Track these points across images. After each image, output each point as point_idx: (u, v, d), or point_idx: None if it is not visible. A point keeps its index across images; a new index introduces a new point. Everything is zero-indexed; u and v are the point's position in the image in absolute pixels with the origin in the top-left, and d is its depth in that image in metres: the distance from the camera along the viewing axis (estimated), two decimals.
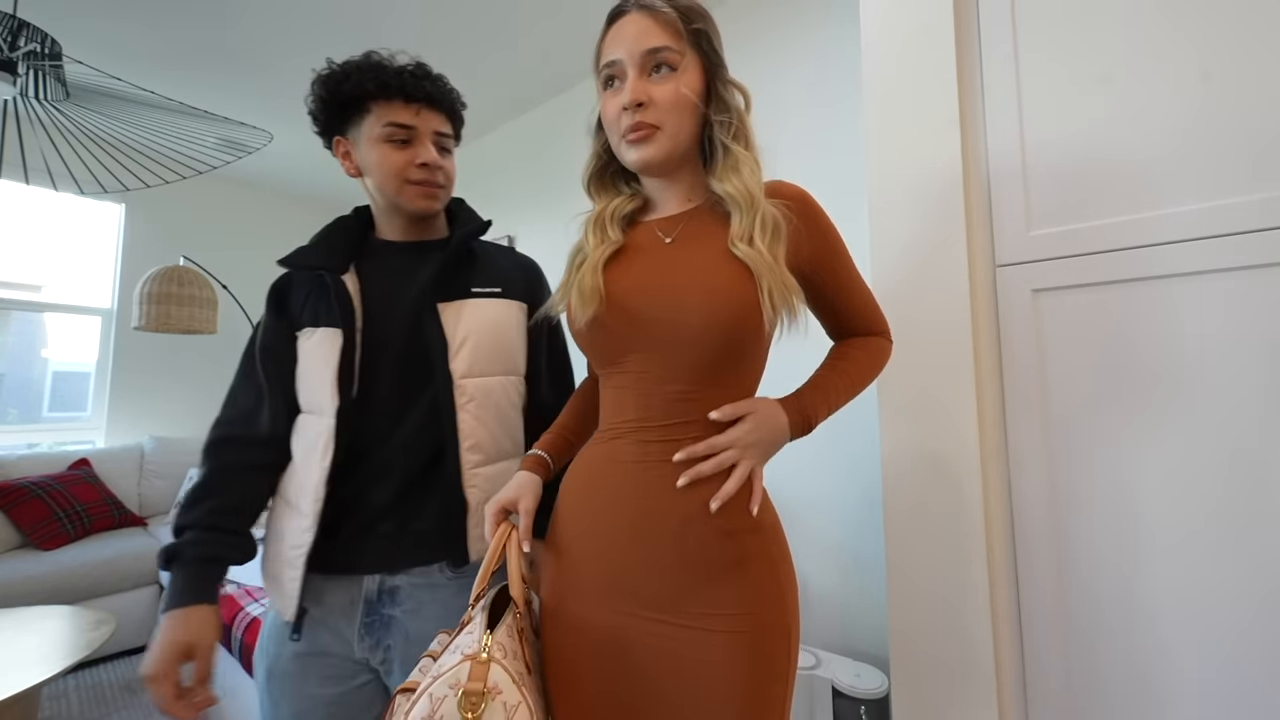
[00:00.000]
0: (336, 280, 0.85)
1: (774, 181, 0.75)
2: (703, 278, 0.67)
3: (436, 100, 0.89)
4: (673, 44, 0.67)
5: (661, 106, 0.67)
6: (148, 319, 2.46)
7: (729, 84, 0.72)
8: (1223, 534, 0.78)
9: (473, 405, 0.85)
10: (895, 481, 1.06)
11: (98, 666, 2.31)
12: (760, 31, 2.02)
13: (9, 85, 1.46)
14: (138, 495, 3.02)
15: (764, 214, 0.67)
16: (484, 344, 0.88)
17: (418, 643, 0.82)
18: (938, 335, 1.02)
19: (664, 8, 0.67)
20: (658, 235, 0.74)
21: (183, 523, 0.81)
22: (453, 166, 0.93)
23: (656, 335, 0.68)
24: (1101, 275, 0.88)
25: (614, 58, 0.69)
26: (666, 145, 0.69)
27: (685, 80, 0.68)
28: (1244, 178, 0.79)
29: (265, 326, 0.90)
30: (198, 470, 0.86)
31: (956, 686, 0.97)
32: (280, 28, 2.29)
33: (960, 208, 1.00)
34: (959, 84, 1.01)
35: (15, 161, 1.67)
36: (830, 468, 1.68)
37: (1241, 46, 0.80)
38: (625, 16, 0.69)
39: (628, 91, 0.67)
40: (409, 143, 0.87)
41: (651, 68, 0.68)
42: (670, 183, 0.75)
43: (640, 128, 0.68)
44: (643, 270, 0.71)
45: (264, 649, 0.86)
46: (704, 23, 0.70)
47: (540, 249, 3.34)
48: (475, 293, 0.90)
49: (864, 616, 1.62)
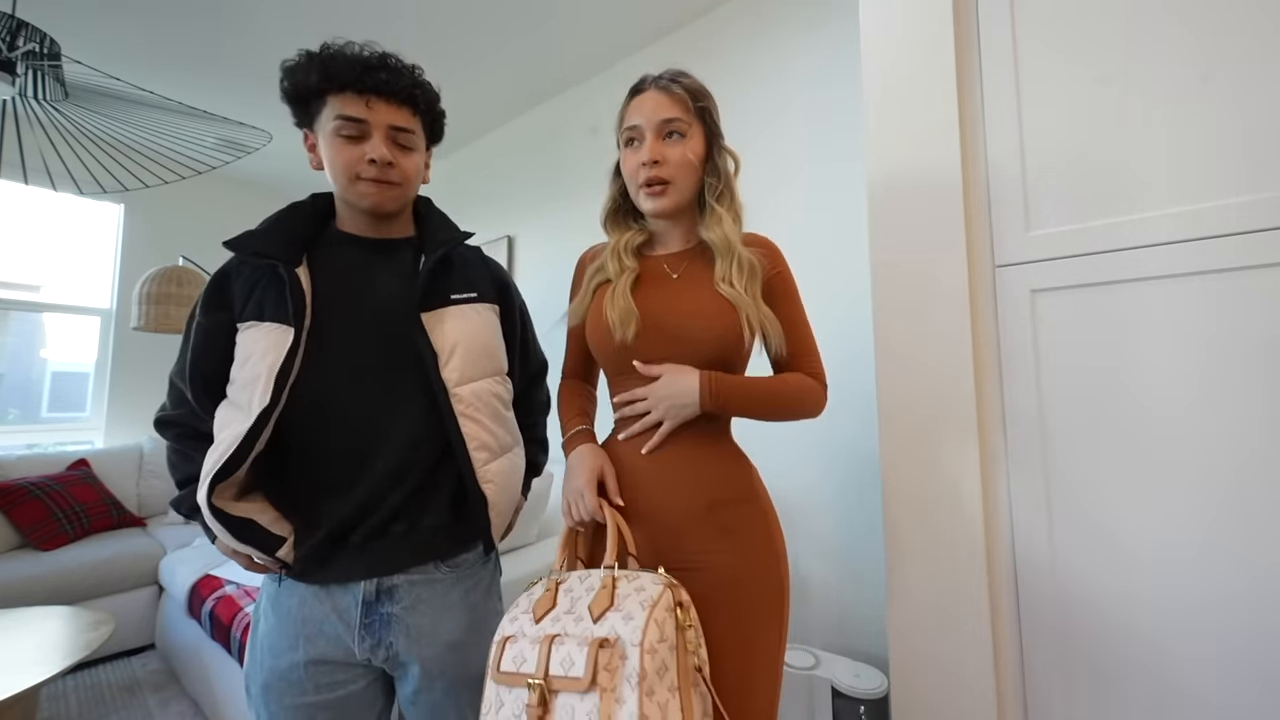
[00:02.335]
0: (291, 273, 0.81)
1: (750, 234, 0.93)
2: (700, 308, 0.87)
3: (392, 91, 0.84)
4: (683, 116, 0.87)
5: (672, 165, 0.86)
6: (147, 319, 2.46)
7: (724, 151, 0.92)
8: (1222, 532, 0.79)
9: (471, 410, 0.86)
10: (894, 482, 1.06)
11: (97, 667, 2.30)
12: (761, 33, 2.02)
13: (8, 85, 1.46)
14: (136, 495, 3.01)
15: (740, 258, 0.86)
16: (472, 349, 0.88)
17: (419, 638, 0.85)
18: (937, 335, 1.02)
19: (677, 89, 0.87)
20: (666, 270, 0.93)
21: (183, 477, 0.86)
22: (413, 163, 0.88)
23: (669, 350, 0.86)
24: (1100, 275, 0.88)
25: (635, 123, 0.88)
26: (675, 198, 0.88)
27: (691, 146, 0.87)
28: (1243, 179, 0.79)
29: (200, 325, 0.84)
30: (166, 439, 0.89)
31: (956, 686, 0.97)
32: (279, 28, 2.29)
33: (960, 208, 1.00)
34: (959, 85, 1.02)
35: (14, 161, 1.67)
36: (829, 468, 1.68)
37: (1240, 49, 0.80)
38: (645, 92, 0.89)
39: (646, 151, 0.86)
40: (360, 137, 0.83)
41: (665, 134, 0.87)
42: (674, 225, 0.94)
43: (656, 182, 0.87)
44: (660, 300, 0.89)
45: (258, 662, 0.84)
46: (707, 101, 0.90)
47: (540, 248, 3.32)
48: (454, 300, 0.90)
49: (863, 617, 1.62)
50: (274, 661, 0.82)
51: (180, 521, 2.86)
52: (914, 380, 1.04)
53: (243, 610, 1.74)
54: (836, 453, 1.69)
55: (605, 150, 0.95)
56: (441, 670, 0.85)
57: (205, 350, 0.83)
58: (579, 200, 2.66)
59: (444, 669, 0.86)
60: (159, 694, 2.11)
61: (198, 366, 0.83)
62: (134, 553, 2.49)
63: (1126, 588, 0.85)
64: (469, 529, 0.88)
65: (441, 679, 0.86)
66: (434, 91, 0.91)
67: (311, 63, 0.83)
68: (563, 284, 1.05)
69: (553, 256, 2.77)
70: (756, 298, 0.86)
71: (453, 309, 0.89)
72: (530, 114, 2.95)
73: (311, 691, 0.81)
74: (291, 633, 0.82)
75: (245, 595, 1.85)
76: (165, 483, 3.07)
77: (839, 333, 1.69)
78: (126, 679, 2.22)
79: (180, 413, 0.87)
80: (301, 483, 0.82)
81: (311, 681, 0.81)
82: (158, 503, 3.04)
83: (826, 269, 1.74)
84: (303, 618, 0.82)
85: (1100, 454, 0.88)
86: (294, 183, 3.84)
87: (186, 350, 0.86)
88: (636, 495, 0.85)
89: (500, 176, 3.07)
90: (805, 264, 1.77)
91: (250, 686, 0.85)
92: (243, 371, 0.79)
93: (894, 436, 1.07)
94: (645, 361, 0.88)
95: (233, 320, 0.82)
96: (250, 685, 0.85)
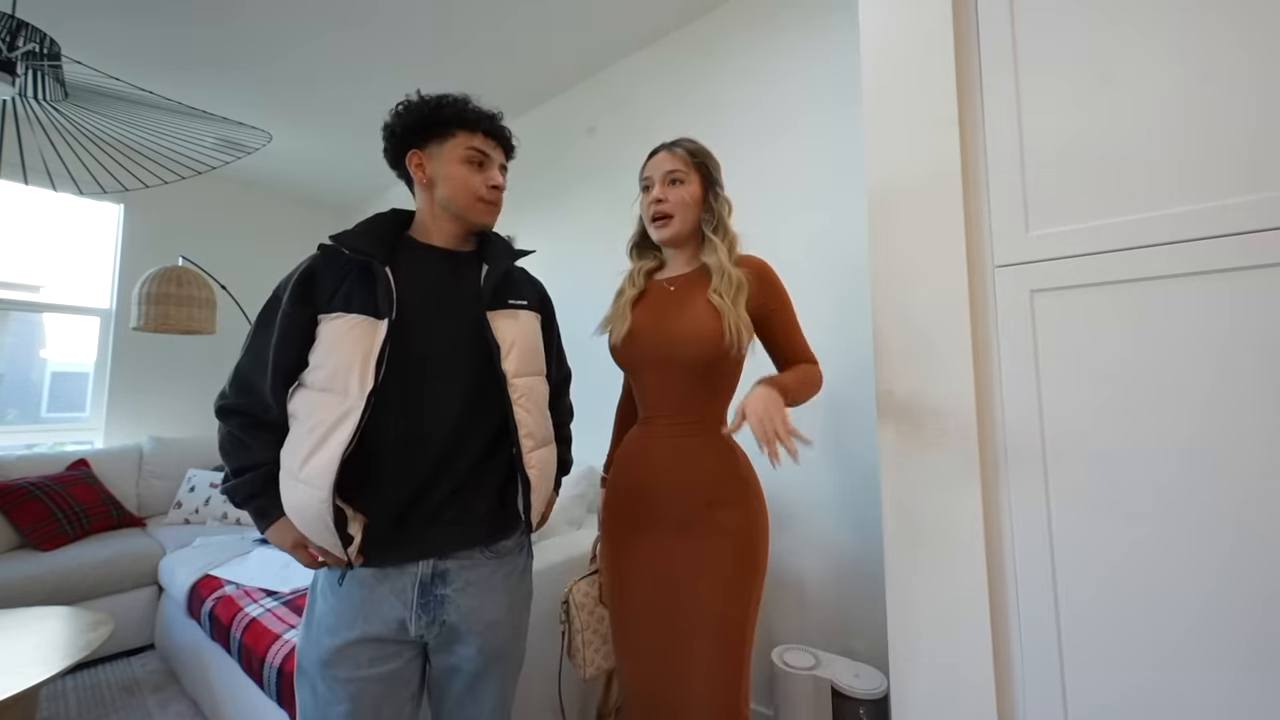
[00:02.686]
0: (384, 271, 0.92)
1: (744, 255, 1.17)
2: (689, 315, 1.10)
3: (504, 139, 1.07)
4: (682, 168, 1.15)
5: (673, 203, 1.14)
6: (146, 319, 2.46)
7: (719, 196, 1.18)
8: (1222, 531, 0.79)
9: (524, 400, 0.99)
10: (894, 482, 1.06)
11: (96, 667, 2.30)
12: (760, 32, 2.02)
13: (8, 85, 1.46)
14: (136, 496, 3.01)
15: (729, 276, 1.09)
16: (525, 348, 1.02)
17: (467, 616, 0.96)
18: (936, 335, 1.02)
19: (679, 149, 1.17)
20: (667, 288, 1.19)
21: (240, 465, 0.93)
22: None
23: (665, 353, 1.11)
24: (1100, 276, 0.88)
25: (649, 175, 1.19)
26: (676, 228, 1.15)
27: (688, 190, 1.15)
28: (1242, 179, 0.79)
29: (288, 315, 0.91)
30: (221, 431, 0.96)
31: (956, 687, 0.97)
32: (279, 28, 2.29)
33: (959, 208, 1.00)
34: (958, 84, 1.01)
35: (14, 162, 1.67)
36: (828, 468, 1.68)
37: (1240, 49, 0.80)
38: (658, 154, 1.19)
39: (655, 192, 1.16)
40: (483, 166, 1.03)
41: (670, 181, 1.15)
42: (679, 251, 1.21)
43: (661, 215, 1.15)
44: (654, 311, 1.16)
45: (314, 640, 0.92)
46: (704, 158, 1.18)
47: (538, 248, 3.35)
48: (512, 304, 1.04)
49: (863, 617, 1.62)
50: (332, 640, 0.90)
51: (178, 522, 2.86)
52: (913, 380, 1.04)
53: (242, 610, 1.74)
54: (836, 453, 1.69)
55: (603, 151, 1.00)
56: (483, 646, 0.98)
57: (290, 339, 0.91)
58: (577, 200, 2.66)
59: (485, 644, 0.98)
60: (158, 694, 2.11)
61: (281, 355, 0.91)
62: (133, 553, 2.49)
63: (1128, 589, 0.85)
64: (511, 515, 1.02)
65: (482, 654, 0.98)
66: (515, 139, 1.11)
67: (457, 104, 1.01)
68: (562, 284, 1.06)
69: (551, 256, 2.76)
70: (739, 308, 1.07)
71: (510, 312, 1.03)
72: (529, 114, 2.95)
73: (365, 665, 0.90)
74: (351, 612, 0.91)
75: (245, 596, 1.85)
76: (164, 483, 3.07)
77: (839, 332, 1.69)
78: (126, 679, 2.22)
79: (245, 401, 0.93)
80: (367, 468, 0.89)
81: (366, 656, 0.90)
82: (157, 503, 3.04)
83: (825, 267, 1.74)
84: (362, 598, 0.91)
85: (1100, 454, 0.88)
86: (292, 183, 3.86)
87: (268, 339, 0.92)
88: (654, 477, 1.12)
89: None
90: (804, 263, 1.78)
91: (304, 662, 0.93)
92: (332, 358, 0.88)
93: (893, 436, 1.07)
94: (639, 366, 1.16)
95: (315, 313, 0.92)
96: (304, 660, 0.93)
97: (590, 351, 1.38)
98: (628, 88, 2.48)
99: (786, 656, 1.56)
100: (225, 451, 0.94)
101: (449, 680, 0.99)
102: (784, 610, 1.77)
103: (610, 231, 2.41)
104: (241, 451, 0.93)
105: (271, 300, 0.95)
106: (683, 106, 2.24)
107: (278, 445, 0.91)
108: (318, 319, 0.91)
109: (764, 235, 1.75)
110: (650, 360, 1.13)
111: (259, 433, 0.93)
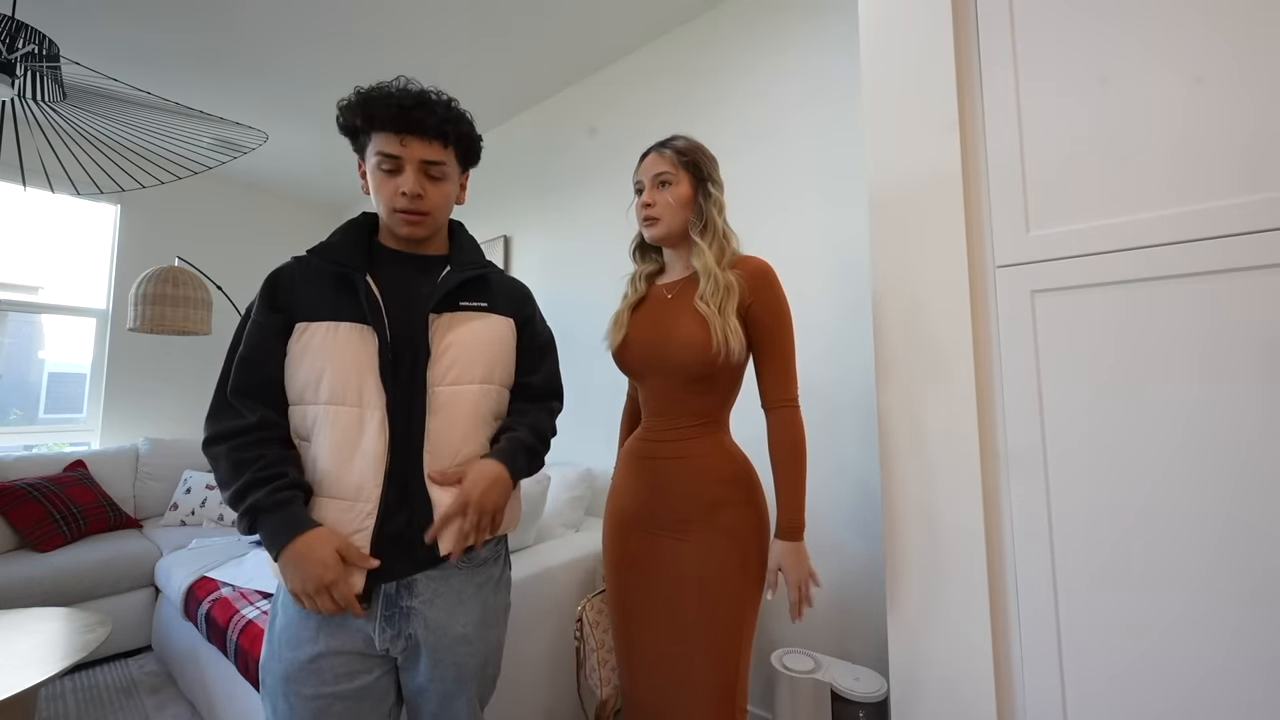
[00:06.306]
0: (364, 280, 0.89)
1: (743, 256, 1.13)
2: (681, 325, 1.09)
3: (424, 129, 0.89)
4: (670, 169, 1.12)
5: (659, 205, 1.13)
6: (143, 320, 2.45)
7: (709, 196, 1.13)
8: (1222, 531, 0.78)
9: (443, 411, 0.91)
10: (894, 485, 1.06)
11: (94, 668, 2.29)
12: (760, 31, 2.02)
13: (7, 87, 1.46)
14: (133, 497, 3.00)
15: (717, 280, 1.06)
16: (468, 353, 0.94)
17: (436, 630, 0.89)
18: (937, 336, 1.02)
19: (666, 150, 1.14)
20: (664, 294, 1.18)
21: (245, 483, 0.80)
22: (442, 192, 0.95)
23: (660, 362, 1.12)
24: (1100, 276, 0.88)
25: (639, 178, 1.18)
26: (663, 228, 1.14)
27: (676, 192, 1.13)
28: (1242, 179, 0.79)
29: (259, 324, 0.88)
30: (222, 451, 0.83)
31: (956, 689, 0.97)
32: (276, 28, 2.29)
33: (959, 208, 1.00)
34: (958, 85, 1.01)
35: (12, 163, 1.66)
36: (829, 470, 1.68)
37: (1240, 49, 0.80)
38: (649, 156, 1.17)
39: (645, 196, 1.15)
40: (395, 172, 0.91)
41: (658, 183, 1.13)
42: (676, 253, 1.20)
43: (649, 218, 1.15)
44: (650, 320, 1.17)
45: (276, 654, 0.86)
46: (694, 156, 1.14)
47: (537, 249, 3.30)
48: (463, 306, 0.96)
49: (863, 620, 1.62)
50: (293, 654, 0.85)
51: (174, 524, 2.85)
52: (914, 380, 1.04)
53: (238, 613, 1.74)
54: (836, 454, 1.68)
55: (603, 150, 0.99)
56: (454, 660, 0.91)
57: (266, 348, 0.88)
58: (577, 200, 2.66)
59: (456, 659, 0.91)
60: (156, 696, 2.10)
61: (259, 342, 0.87)
62: (130, 554, 2.48)
63: (1127, 592, 0.85)
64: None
65: (453, 668, 0.91)
66: (467, 121, 0.96)
67: (356, 103, 0.90)
68: (560, 284, 1.06)
69: (550, 257, 2.76)
70: (727, 314, 1.04)
71: (461, 315, 0.95)
72: (528, 114, 2.94)
73: (330, 682, 0.84)
74: (312, 625, 0.85)
75: (241, 598, 1.84)
76: (160, 484, 3.06)
77: (839, 332, 1.69)
78: (123, 681, 2.21)
79: (242, 423, 0.84)
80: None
81: (330, 672, 0.84)
82: (154, 504, 3.03)
83: (826, 268, 1.74)
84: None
85: (1101, 454, 0.87)
86: (289, 183, 3.85)
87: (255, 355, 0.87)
88: (652, 478, 1.13)
89: (498, 176, 3.06)
90: (804, 264, 1.77)
91: (266, 678, 0.87)
92: (331, 367, 0.86)
93: (894, 438, 1.06)
94: (638, 373, 1.18)
95: (289, 318, 0.88)
96: (266, 676, 0.87)
97: (592, 353, 1.38)
98: (628, 87, 2.48)
99: (786, 660, 1.55)
100: (221, 482, 0.83)
101: (421, 700, 0.93)
102: (784, 613, 1.77)
103: (610, 231, 2.41)
104: (233, 475, 0.82)
105: (246, 320, 0.91)
106: (683, 106, 2.24)
107: (290, 460, 0.86)
108: (294, 326, 0.87)
109: (764, 235, 1.75)
110: (647, 367, 1.14)
111: (260, 449, 0.84)
